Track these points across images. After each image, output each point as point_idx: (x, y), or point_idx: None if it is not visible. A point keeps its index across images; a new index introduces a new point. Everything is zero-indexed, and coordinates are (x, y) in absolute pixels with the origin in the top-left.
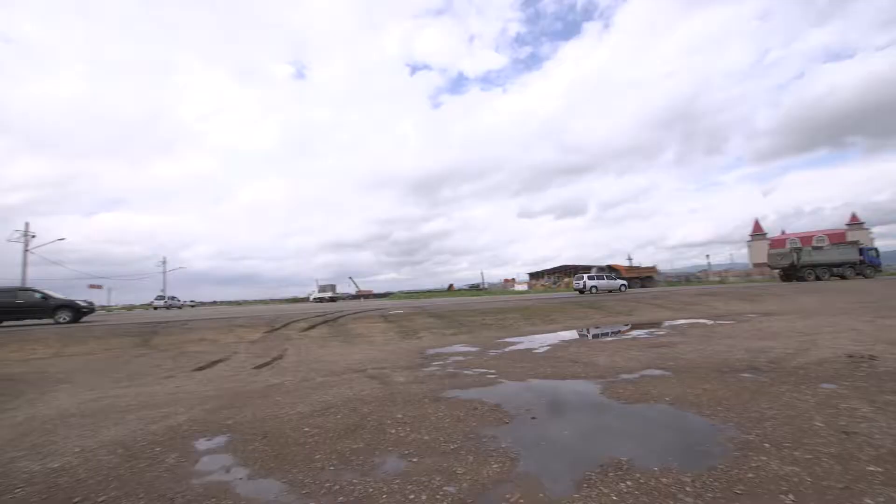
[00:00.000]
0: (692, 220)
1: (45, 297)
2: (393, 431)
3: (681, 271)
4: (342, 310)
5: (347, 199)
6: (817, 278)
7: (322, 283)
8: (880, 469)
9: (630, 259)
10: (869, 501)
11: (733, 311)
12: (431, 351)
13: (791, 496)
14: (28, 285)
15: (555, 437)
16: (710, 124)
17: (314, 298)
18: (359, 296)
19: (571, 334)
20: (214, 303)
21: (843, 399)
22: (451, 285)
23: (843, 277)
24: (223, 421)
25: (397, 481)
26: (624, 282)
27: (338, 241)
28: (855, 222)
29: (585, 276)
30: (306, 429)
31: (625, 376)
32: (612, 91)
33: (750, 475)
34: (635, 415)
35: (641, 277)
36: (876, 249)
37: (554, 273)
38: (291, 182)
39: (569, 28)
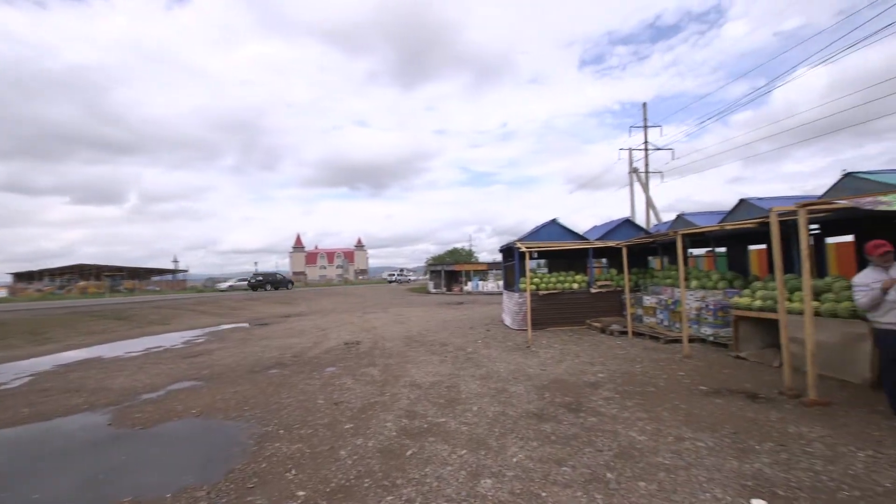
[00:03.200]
0: (246, 227)
1: (284, 277)
2: None
3: (232, 276)
4: None
5: None
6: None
7: None
8: (352, 425)
9: (176, 262)
10: (343, 452)
11: (273, 314)
12: None
13: (294, 471)
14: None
15: None
16: (269, 142)
17: None
18: None
19: (79, 354)
20: None
21: (338, 377)
22: None
23: None
24: None
25: None
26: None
27: None
28: (360, 245)
29: None
30: None
31: (147, 396)
32: (180, 69)
33: (263, 465)
34: (155, 439)
35: None
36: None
37: (65, 274)
38: None
39: None
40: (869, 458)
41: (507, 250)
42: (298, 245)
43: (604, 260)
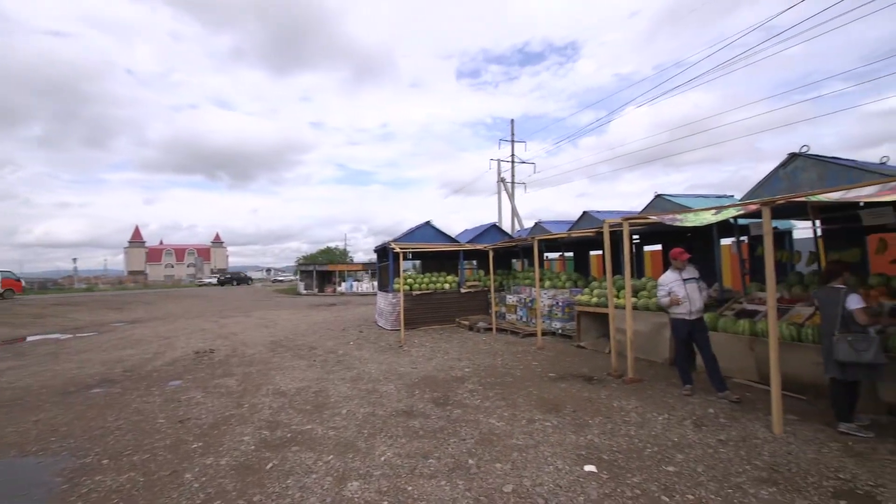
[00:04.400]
0: (62, 215)
1: (245, 275)
2: None
3: (38, 275)
4: None
5: None
6: None
7: None
8: (201, 444)
9: None
10: (188, 475)
11: (98, 322)
12: None
13: (121, 503)
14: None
15: None
16: (98, 113)
17: None
18: None
19: None
20: None
21: (185, 392)
22: None
23: None
24: None
25: None
26: None
27: None
28: (218, 241)
29: None
30: None
31: None
32: None
33: None
34: None
35: None
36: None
37: None
38: None
39: None
40: (665, 420)
41: (382, 251)
42: (137, 239)
43: (474, 261)
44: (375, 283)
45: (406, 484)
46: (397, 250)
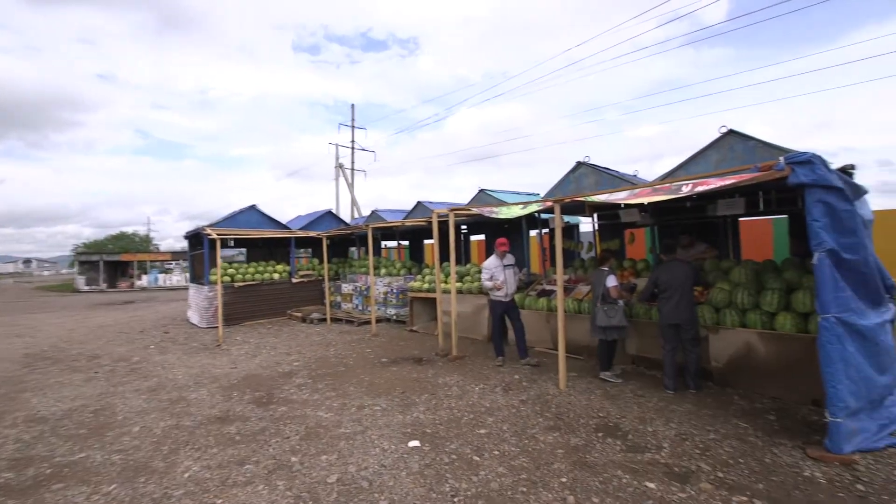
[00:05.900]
0: None
1: None
2: None
3: None
4: None
5: None
6: None
7: None
8: None
9: None
10: None
11: None
12: None
13: None
14: None
15: None
16: None
17: None
18: None
19: None
20: None
21: None
22: None
23: None
24: None
25: None
26: None
27: None
28: None
29: None
30: None
31: None
32: None
33: None
34: None
35: None
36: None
37: None
38: None
39: None
40: (480, 389)
41: (196, 237)
42: None
43: (309, 250)
44: (188, 276)
45: (215, 498)
46: (214, 237)
